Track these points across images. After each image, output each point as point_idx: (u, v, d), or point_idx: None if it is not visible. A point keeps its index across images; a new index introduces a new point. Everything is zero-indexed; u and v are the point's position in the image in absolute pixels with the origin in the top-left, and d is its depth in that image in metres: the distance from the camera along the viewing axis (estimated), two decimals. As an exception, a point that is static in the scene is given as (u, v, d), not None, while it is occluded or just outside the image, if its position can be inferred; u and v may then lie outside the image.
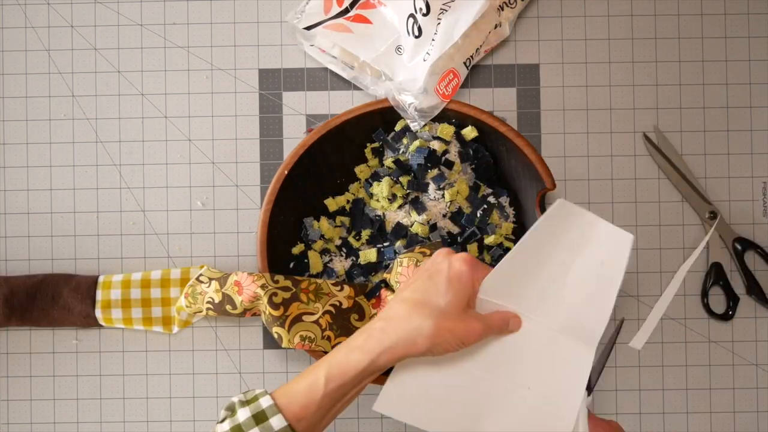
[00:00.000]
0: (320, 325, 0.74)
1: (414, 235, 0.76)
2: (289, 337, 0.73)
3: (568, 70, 0.83)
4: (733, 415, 0.81)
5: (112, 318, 0.79)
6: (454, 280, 0.63)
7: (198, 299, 0.76)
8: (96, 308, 0.79)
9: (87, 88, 0.83)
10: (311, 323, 0.74)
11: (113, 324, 0.79)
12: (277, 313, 0.73)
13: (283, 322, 0.73)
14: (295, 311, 0.74)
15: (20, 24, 0.83)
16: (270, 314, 0.73)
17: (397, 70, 0.79)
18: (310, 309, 0.74)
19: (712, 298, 0.81)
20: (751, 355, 0.81)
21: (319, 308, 0.74)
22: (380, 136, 0.78)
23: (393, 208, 0.77)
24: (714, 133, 0.82)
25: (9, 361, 0.82)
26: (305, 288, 0.74)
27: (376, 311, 0.75)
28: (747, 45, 0.82)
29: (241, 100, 0.83)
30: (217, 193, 0.82)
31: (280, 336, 0.73)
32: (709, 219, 0.81)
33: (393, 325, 0.62)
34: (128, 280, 0.79)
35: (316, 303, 0.74)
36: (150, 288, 0.79)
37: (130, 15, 0.83)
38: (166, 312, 0.79)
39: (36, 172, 0.82)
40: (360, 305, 0.76)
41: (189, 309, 0.77)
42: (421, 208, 0.76)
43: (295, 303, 0.74)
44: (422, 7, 0.76)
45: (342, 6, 0.80)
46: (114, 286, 0.79)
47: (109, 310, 0.79)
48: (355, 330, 0.73)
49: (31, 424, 0.82)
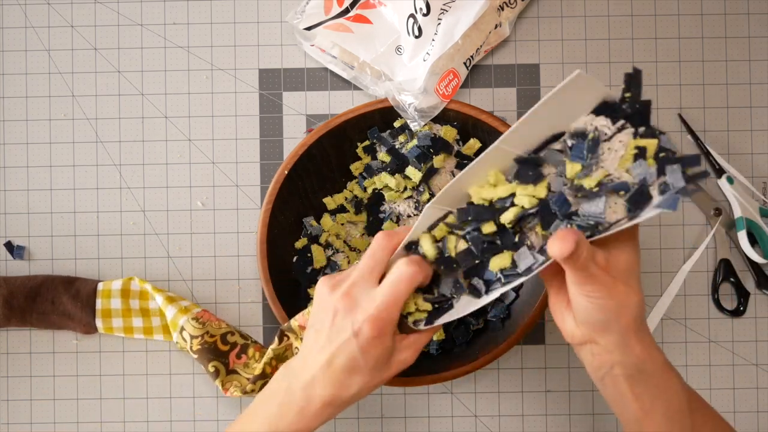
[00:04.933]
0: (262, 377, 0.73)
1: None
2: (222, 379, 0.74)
3: (568, 70, 0.83)
4: (733, 415, 0.81)
5: (112, 327, 0.79)
6: (366, 350, 0.55)
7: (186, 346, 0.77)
8: (96, 318, 0.78)
9: (87, 88, 0.83)
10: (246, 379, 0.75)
11: (113, 333, 0.79)
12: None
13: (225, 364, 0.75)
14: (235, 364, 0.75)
15: (20, 24, 0.83)
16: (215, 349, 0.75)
17: (397, 70, 0.79)
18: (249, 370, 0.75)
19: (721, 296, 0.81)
20: (752, 355, 0.81)
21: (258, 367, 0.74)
22: (374, 134, 0.78)
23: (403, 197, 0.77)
24: (714, 132, 0.82)
25: (9, 361, 0.82)
26: (251, 355, 0.76)
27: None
28: (747, 45, 0.82)
29: (241, 100, 0.83)
30: (217, 193, 0.82)
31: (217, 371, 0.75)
32: (714, 215, 0.81)
33: (316, 393, 0.56)
34: (127, 290, 0.79)
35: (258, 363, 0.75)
36: (148, 300, 0.79)
37: (130, 15, 0.83)
38: (165, 320, 0.79)
39: (36, 172, 0.82)
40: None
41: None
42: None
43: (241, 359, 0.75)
44: (422, 7, 0.76)
45: (342, 6, 0.80)
46: (114, 295, 0.79)
47: (109, 320, 0.79)
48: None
49: (31, 424, 0.81)
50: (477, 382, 0.82)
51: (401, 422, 0.81)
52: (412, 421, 0.81)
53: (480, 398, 0.82)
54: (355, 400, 0.57)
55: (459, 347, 0.77)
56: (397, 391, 0.81)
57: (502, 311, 0.77)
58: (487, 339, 0.77)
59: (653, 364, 0.53)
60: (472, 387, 0.82)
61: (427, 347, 0.78)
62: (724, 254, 0.81)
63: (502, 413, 0.81)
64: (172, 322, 0.76)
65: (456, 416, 0.81)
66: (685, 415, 0.53)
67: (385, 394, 0.81)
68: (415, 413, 0.81)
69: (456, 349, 0.78)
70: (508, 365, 0.82)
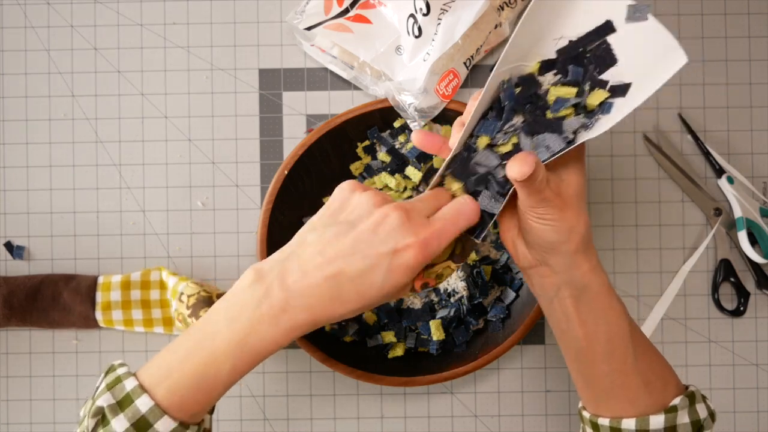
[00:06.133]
0: None
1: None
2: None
3: (568, 70, 0.83)
4: (733, 415, 0.81)
5: (112, 320, 0.79)
6: (393, 275, 0.47)
7: (189, 323, 0.77)
8: (96, 310, 0.79)
9: (87, 88, 0.83)
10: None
11: (113, 326, 0.79)
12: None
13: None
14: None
15: (20, 24, 0.83)
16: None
17: (397, 70, 0.79)
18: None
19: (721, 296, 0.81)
20: (752, 355, 0.81)
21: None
22: (374, 134, 0.78)
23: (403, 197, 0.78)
24: (714, 132, 0.82)
25: (9, 361, 0.82)
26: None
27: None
28: (747, 45, 0.82)
29: (241, 100, 0.83)
30: (217, 193, 0.82)
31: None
32: (714, 216, 0.81)
33: (305, 302, 0.48)
34: (127, 281, 0.79)
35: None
36: (150, 290, 0.79)
37: (130, 15, 0.83)
38: (166, 313, 0.79)
39: (36, 172, 0.82)
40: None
41: (184, 328, 0.78)
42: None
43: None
44: (422, 7, 0.76)
45: (342, 6, 0.80)
46: (114, 288, 0.79)
47: (109, 312, 0.79)
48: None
49: (31, 424, 0.82)
50: (477, 382, 0.82)
51: (401, 422, 0.81)
52: (412, 421, 0.81)
53: (480, 398, 0.82)
54: (321, 325, 0.50)
55: (459, 347, 0.77)
56: (397, 391, 0.81)
57: (502, 311, 0.77)
58: (487, 339, 0.77)
59: (598, 284, 0.54)
60: (472, 387, 0.82)
61: (428, 347, 0.78)
62: (724, 254, 0.81)
63: (502, 413, 0.81)
64: (173, 290, 0.77)
65: (456, 416, 0.81)
66: (626, 342, 0.54)
67: (385, 394, 0.81)
68: (415, 413, 0.81)
69: (456, 349, 0.78)
70: (508, 365, 0.82)
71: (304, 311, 0.48)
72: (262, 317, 0.48)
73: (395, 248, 0.47)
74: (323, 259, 0.47)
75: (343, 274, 0.47)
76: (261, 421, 0.82)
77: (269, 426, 0.82)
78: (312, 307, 0.47)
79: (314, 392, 0.82)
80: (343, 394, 0.81)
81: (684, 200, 0.82)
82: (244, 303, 0.48)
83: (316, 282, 0.47)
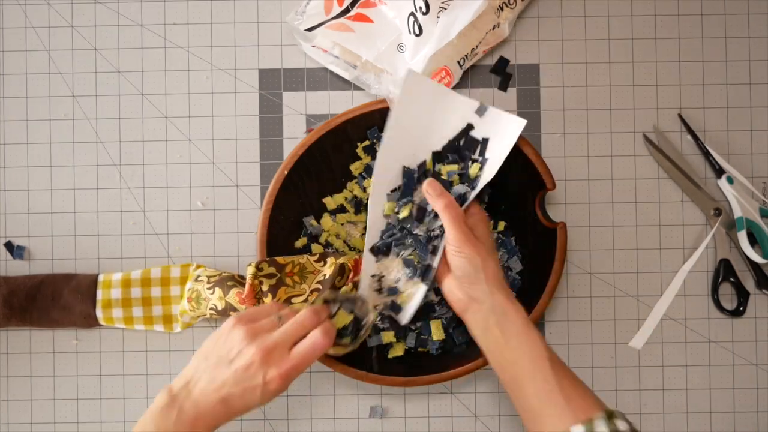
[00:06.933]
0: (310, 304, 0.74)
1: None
2: None
3: (568, 70, 0.83)
4: (733, 415, 0.81)
5: (113, 317, 0.79)
6: (266, 399, 0.64)
7: (202, 304, 0.77)
8: (96, 308, 0.79)
9: (87, 88, 0.83)
10: (301, 304, 0.73)
11: (114, 323, 0.79)
12: (266, 301, 0.73)
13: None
14: (283, 296, 0.74)
15: (20, 24, 0.83)
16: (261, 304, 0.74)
17: (399, 67, 0.79)
18: (297, 291, 0.74)
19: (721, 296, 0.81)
20: (751, 355, 0.81)
21: (306, 289, 0.74)
22: (374, 134, 0.78)
23: None
24: (714, 132, 0.82)
25: (9, 361, 0.82)
26: (290, 271, 0.75)
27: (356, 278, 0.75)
28: (747, 45, 0.82)
29: (241, 100, 0.83)
30: (217, 193, 0.82)
31: None
32: (714, 216, 0.81)
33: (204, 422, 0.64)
34: (128, 279, 0.79)
35: (302, 284, 0.75)
36: (150, 287, 0.79)
37: (130, 15, 0.83)
38: (167, 311, 0.79)
39: (36, 172, 0.82)
40: (342, 266, 0.75)
41: (192, 313, 0.77)
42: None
43: (282, 288, 0.74)
44: (422, 6, 0.76)
45: (343, 6, 0.80)
46: (114, 285, 0.79)
47: (109, 310, 0.79)
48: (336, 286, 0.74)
49: (31, 424, 0.81)
50: (477, 382, 0.82)
51: (401, 422, 0.81)
52: (411, 421, 0.81)
53: (480, 398, 0.82)
54: (224, 423, 0.65)
55: (459, 347, 0.77)
56: (397, 391, 0.81)
57: (502, 311, 0.77)
58: (487, 339, 0.77)
59: (515, 311, 0.66)
60: (472, 387, 0.82)
61: (428, 347, 0.78)
62: (724, 254, 0.81)
63: (502, 413, 0.81)
64: (185, 276, 0.79)
65: (456, 416, 0.81)
66: (547, 363, 0.63)
67: (385, 394, 0.81)
68: (415, 413, 0.81)
69: (456, 349, 0.77)
70: (508, 365, 0.82)
71: (211, 419, 0.64)
72: (181, 429, 0.63)
73: (264, 381, 0.63)
74: (215, 386, 0.63)
75: (232, 396, 0.63)
76: (261, 421, 0.82)
77: (269, 426, 0.82)
78: (216, 415, 0.63)
79: (314, 392, 0.82)
80: (343, 394, 0.81)
81: (684, 200, 0.82)
82: (163, 422, 0.63)
83: (215, 401, 0.63)
